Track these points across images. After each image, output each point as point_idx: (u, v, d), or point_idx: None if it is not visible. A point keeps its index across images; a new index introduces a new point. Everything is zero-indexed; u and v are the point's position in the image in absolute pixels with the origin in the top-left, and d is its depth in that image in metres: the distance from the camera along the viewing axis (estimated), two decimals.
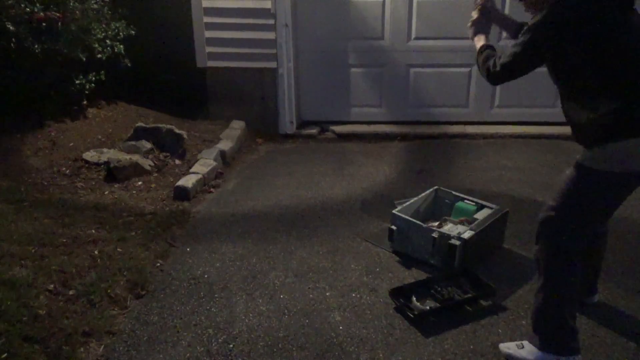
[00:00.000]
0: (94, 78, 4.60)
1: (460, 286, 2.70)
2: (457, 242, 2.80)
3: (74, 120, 4.56)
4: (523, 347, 2.24)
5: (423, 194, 3.29)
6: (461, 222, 3.06)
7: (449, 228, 2.99)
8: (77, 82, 4.46)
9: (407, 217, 3.01)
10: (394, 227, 3.02)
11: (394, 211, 3.06)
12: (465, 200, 3.23)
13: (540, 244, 2.20)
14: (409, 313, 2.52)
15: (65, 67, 4.40)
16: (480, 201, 3.21)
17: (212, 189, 3.98)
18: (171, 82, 5.50)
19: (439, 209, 3.32)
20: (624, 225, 3.35)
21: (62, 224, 3.17)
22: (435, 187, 3.36)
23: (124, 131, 4.60)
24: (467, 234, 2.84)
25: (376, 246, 3.16)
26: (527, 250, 3.08)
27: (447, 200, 3.30)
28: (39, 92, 4.36)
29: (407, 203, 3.19)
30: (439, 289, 2.67)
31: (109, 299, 2.60)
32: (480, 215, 3.08)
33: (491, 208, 3.14)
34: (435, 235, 2.87)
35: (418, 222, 2.98)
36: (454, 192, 3.30)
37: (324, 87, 5.23)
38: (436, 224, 3.07)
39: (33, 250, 2.82)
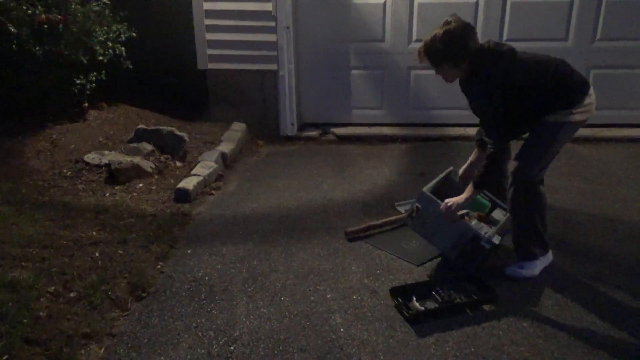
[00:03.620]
0: (94, 78, 4.60)
1: (463, 290, 2.70)
2: (488, 246, 2.77)
3: (75, 122, 4.57)
4: (522, 266, 2.83)
5: (441, 175, 3.19)
6: (479, 218, 2.99)
7: (475, 225, 2.89)
8: (78, 82, 4.46)
9: (436, 200, 2.88)
10: (419, 206, 2.91)
11: (424, 189, 2.95)
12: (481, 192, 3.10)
13: (514, 189, 2.72)
14: (404, 312, 2.53)
15: (67, 69, 4.40)
16: (492, 196, 3.16)
17: (213, 191, 3.98)
18: (172, 84, 5.52)
19: (450, 190, 3.13)
20: (625, 227, 3.35)
21: (63, 226, 3.17)
22: (451, 168, 3.29)
23: (125, 133, 4.60)
24: (496, 239, 2.80)
25: (377, 248, 3.15)
26: None
27: (458, 185, 3.15)
28: (40, 93, 4.37)
29: (431, 184, 3.07)
30: (441, 291, 2.67)
31: (110, 301, 2.60)
32: (497, 215, 3.04)
33: (504, 208, 3.09)
34: (465, 231, 2.80)
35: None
36: None
37: (325, 89, 5.23)
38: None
39: (34, 252, 2.82)
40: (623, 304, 2.63)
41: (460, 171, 3.16)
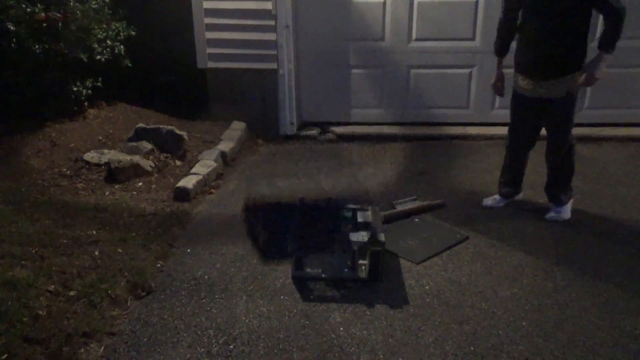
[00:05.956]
0: (90, 84, 4.59)
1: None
2: (379, 248, 2.74)
3: (74, 121, 4.56)
4: (560, 211, 3.43)
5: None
6: (347, 230, 2.94)
7: (357, 237, 2.84)
8: (75, 89, 4.45)
9: None
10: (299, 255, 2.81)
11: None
12: None
13: (563, 154, 3.32)
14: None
15: (65, 69, 4.39)
16: (349, 206, 3.18)
17: (212, 190, 3.98)
18: (172, 83, 5.51)
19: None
20: (624, 227, 3.36)
21: (63, 225, 3.17)
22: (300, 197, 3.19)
23: (124, 132, 4.60)
24: (381, 237, 2.77)
25: None
26: (528, 252, 3.08)
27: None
28: (40, 92, 4.36)
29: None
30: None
31: (110, 299, 2.60)
32: (364, 217, 3.04)
33: (366, 209, 3.13)
34: (354, 247, 2.76)
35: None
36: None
37: (325, 88, 5.23)
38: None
39: (34, 251, 2.82)
40: (623, 304, 2.63)
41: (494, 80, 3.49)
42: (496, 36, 3.41)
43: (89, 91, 4.58)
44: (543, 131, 3.39)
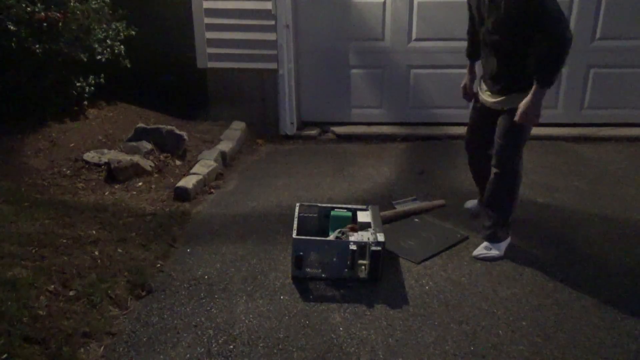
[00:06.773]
0: (93, 81, 4.59)
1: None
2: (379, 248, 2.74)
3: (75, 120, 4.57)
4: (490, 247, 3.04)
5: (295, 214, 3.08)
6: (353, 230, 2.94)
7: (357, 237, 2.85)
8: (78, 84, 4.46)
9: (314, 238, 2.86)
10: (301, 253, 2.80)
11: (294, 237, 2.86)
12: (336, 209, 3.16)
13: (503, 176, 2.96)
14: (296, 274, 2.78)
15: (66, 68, 4.40)
16: (347, 206, 3.20)
17: (212, 190, 3.98)
18: (172, 83, 5.51)
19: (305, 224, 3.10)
20: (624, 226, 3.36)
21: (63, 225, 3.17)
22: (297, 204, 3.20)
23: (124, 132, 4.60)
24: (381, 237, 2.78)
25: None
26: (528, 252, 3.09)
27: (312, 214, 3.16)
28: (40, 92, 4.36)
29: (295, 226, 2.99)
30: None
31: (109, 299, 2.60)
32: (364, 218, 3.05)
33: (365, 209, 3.15)
34: (354, 247, 2.76)
35: (330, 239, 2.85)
36: (317, 204, 3.22)
37: (325, 88, 5.23)
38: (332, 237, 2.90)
39: (33, 251, 2.82)
40: (623, 303, 2.63)
41: (464, 83, 3.35)
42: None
43: (92, 88, 4.59)
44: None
